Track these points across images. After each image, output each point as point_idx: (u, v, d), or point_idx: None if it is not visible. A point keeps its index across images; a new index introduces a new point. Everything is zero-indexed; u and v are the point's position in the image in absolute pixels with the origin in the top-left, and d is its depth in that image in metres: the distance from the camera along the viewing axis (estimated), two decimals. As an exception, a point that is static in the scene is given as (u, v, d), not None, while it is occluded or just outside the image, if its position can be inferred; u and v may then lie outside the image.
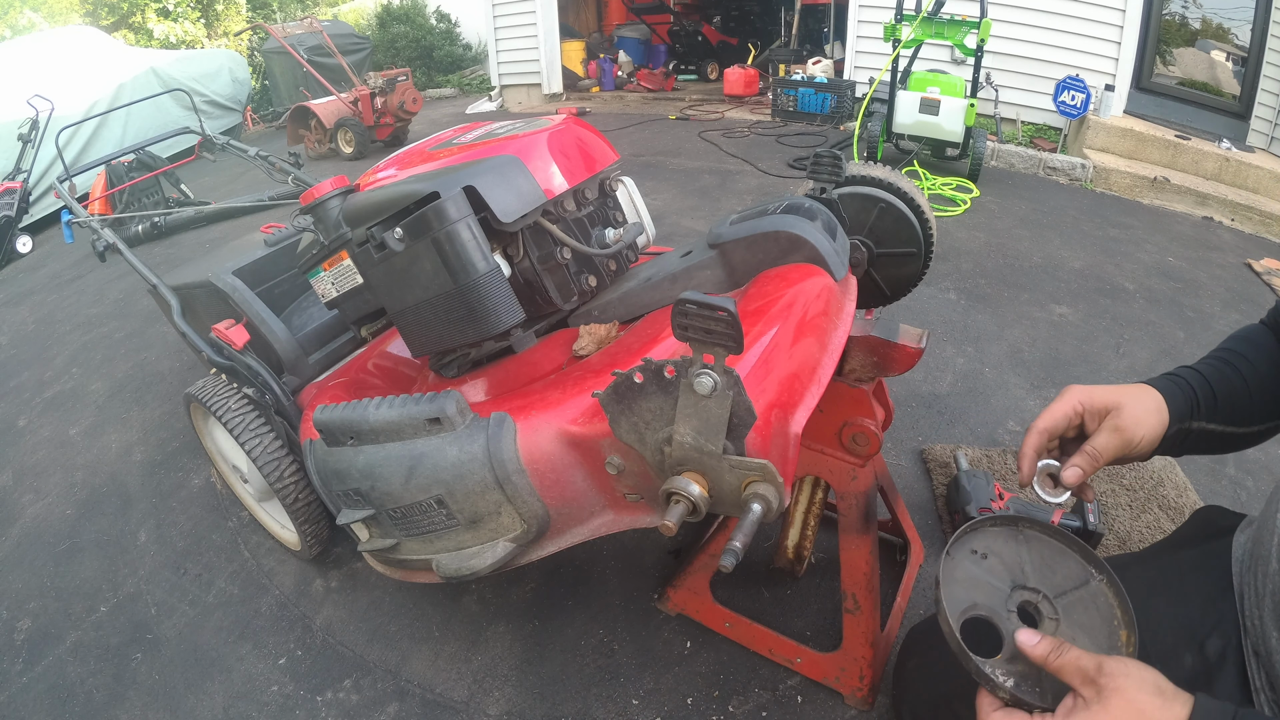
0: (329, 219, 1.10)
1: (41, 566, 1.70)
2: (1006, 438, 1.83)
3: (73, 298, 3.45)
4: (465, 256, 0.97)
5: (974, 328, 2.37)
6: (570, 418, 0.89)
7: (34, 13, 8.81)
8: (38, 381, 2.62)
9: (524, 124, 1.21)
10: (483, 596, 1.46)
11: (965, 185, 3.75)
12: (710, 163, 4.43)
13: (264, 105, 8.19)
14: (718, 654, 1.29)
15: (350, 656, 1.37)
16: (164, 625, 1.49)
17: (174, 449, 2.07)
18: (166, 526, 1.78)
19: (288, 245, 1.74)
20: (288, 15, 10.34)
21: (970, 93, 3.69)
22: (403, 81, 5.43)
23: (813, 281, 0.97)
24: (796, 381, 0.82)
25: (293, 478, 1.39)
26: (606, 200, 1.25)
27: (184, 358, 2.58)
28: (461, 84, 8.25)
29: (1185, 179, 3.78)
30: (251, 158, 2.36)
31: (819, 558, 1.46)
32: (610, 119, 5.83)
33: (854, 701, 1.18)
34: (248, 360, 1.43)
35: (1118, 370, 2.13)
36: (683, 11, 8.03)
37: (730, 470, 0.73)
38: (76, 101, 5.17)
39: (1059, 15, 4.33)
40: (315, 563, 1.58)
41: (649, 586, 1.44)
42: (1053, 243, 3.10)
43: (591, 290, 1.19)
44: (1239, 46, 4.18)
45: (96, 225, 1.90)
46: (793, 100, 5.23)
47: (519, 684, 1.28)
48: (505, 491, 0.91)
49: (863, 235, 1.21)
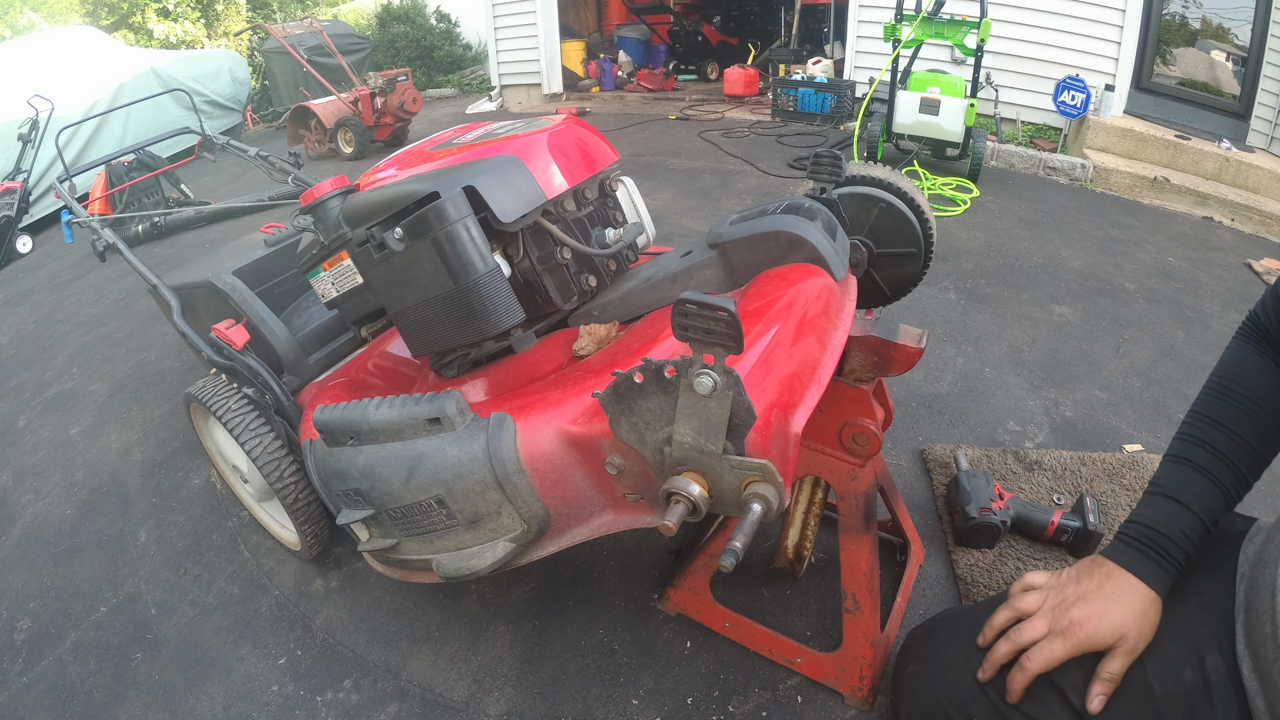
0: (329, 219, 1.10)
1: (41, 566, 1.70)
2: (1006, 438, 1.83)
3: (73, 298, 3.45)
4: (465, 256, 0.97)
5: (974, 328, 2.37)
6: (570, 418, 0.89)
7: (34, 13, 8.81)
8: (38, 381, 2.62)
9: (524, 124, 1.21)
10: (483, 596, 1.46)
11: (965, 185, 3.75)
12: (710, 163, 4.43)
13: (264, 105, 8.19)
14: (718, 654, 1.29)
15: (350, 656, 1.37)
16: (164, 625, 1.49)
17: (174, 449, 2.07)
18: (166, 526, 1.78)
19: (288, 245, 1.74)
20: (288, 15, 10.34)
21: (970, 93, 3.69)
22: (403, 81, 5.42)
23: (813, 281, 0.97)
24: (796, 381, 0.82)
25: (293, 478, 1.39)
26: (606, 200, 1.25)
27: (184, 358, 2.58)
28: (461, 84, 8.25)
29: (1185, 179, 3.78)
30: (251, 158, 2.36)
31: (819, 558, 1.46)
32: (610, 119, 5.83)
33: (854, 701, 1.18)
34: (248, 360, 1.43)
35: (1118, 370, 2.13)
36: (683, 11, 8.03)
37: (730, 470, 0.73)
38: (76, 101, 5.17)
39: (1059, 15, 4.33)
40: (315, 563, 1.58)
41: (649, 586, 1.44)
42: (1053, 243, 3.10)
43: (591, 290, 1.18)
44: (1239, 46, 4.18)
45: (96, 225, 1.90)
46: (793, 100, 5.23)
47: (519, 684, 1.28)
48: (505, 491, 0.91)
49: (863, 235, 1.21)
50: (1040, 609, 0.79)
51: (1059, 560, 1.41)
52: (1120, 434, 1.84)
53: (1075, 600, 0.77)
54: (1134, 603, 0.74)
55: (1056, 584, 0.81)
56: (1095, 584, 0.77)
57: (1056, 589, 0.80)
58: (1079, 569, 0.81)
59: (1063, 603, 0.78)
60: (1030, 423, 1.89)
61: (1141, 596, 0.74)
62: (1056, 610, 0.77)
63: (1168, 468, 0.82)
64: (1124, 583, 0.76)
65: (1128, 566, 0.77)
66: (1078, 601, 0.76)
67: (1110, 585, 0.76)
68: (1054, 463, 1.67)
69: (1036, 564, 1.40)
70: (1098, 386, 2.05)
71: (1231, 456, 0.78)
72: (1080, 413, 1.93)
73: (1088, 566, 0.80)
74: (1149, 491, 0.81)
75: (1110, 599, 0.75)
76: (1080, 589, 0.78)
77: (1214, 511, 0.77)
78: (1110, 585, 0.76)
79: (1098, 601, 0.75)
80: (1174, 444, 0.83)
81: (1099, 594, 0.76)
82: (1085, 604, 0.76)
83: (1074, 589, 0.78)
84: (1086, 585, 0.77)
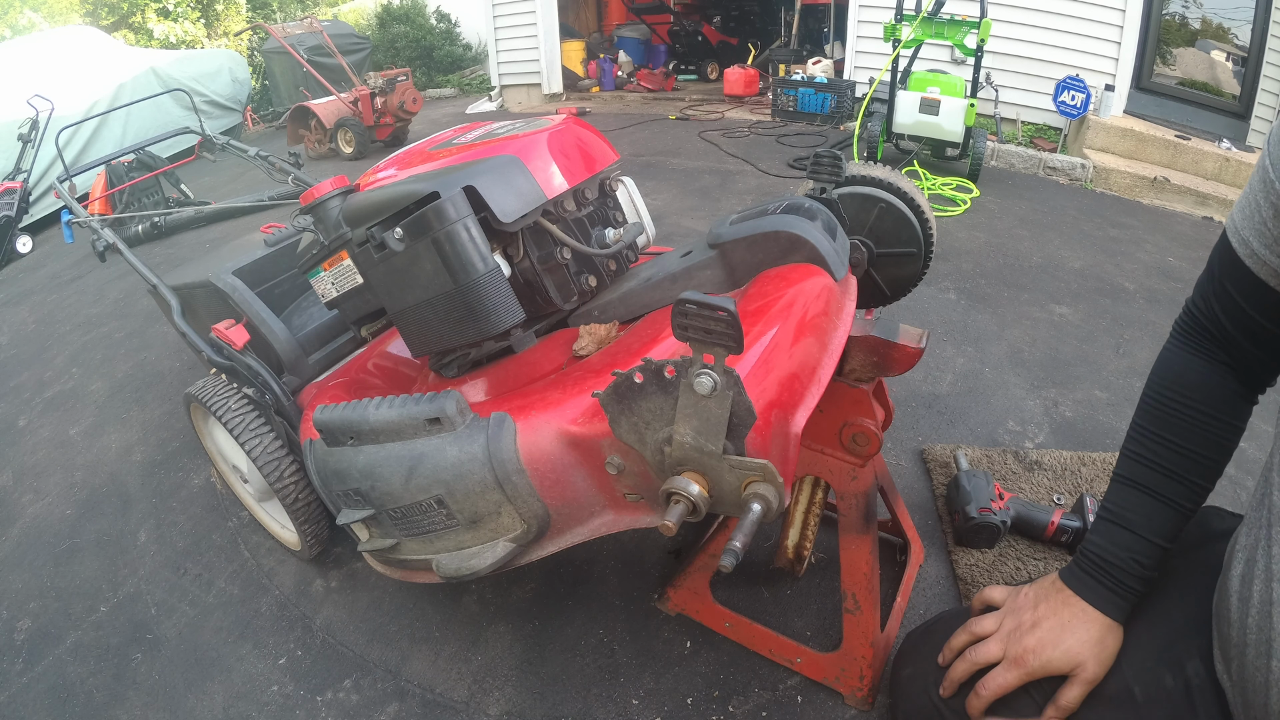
0: (329, 219, 1.10)
1: (41, 566, 1.70)
2: (1006, 438, 1.83)
3: (73, 298, 3.45)
4: (465, 257, 0.97)
5: (974, 328, 2.37)
6: (570, 418, 0.89)
7: (34, 13, 8.81)
8: (38, 381, 2.62)
9: (524, 124, 1.21)
10: (483, 596, 1.46)
11: (965, 185, 3.75)
12: (710, 163, 4.43)
13: (264, 105, 8.19)
14: (718, 654, 1.29)
15: (350, 656, 1.37)
16: (164, 625, 1.49)
17: (174, 449, 2.07)
18: (166, 526, 1.78)
19: (288, 245, 1.74)
20: (288, 15, 10.33)
21: (970, 93, 3.69)
22: (403, 81, 5.42)
23: (813, 281, 0.97)
24: (796, 381, 0.82)
25: (293, 478, 1.39)
26: (606, 200, 1.25)
27: (184, 358, 2.58)
28: (461, 84, 8.24)
29: (1185, 179, 3.78)
30: (251, 158, 2.36)
31: (819, 558, 1.46)
32: (610, 119, 5.83)
33: (854, 701, 1.18)
34: (248, 360, 1.43)
35: (1118, 370, 2.13)
36: (683, 11, 8.02)
37: (730, 470, 0.73)
38: (76, 101, 5.17)
39: (1059, 15, 4.33)
40: (315, 563, 1.58)
41: (649, 586, 1.44)
42: (1053, 243, 3.10)
43: (591, 290, 1.18)
44: (1239, 46, 4.18)
45: (96, 225, 1.90)
46: (793, 100, 5.23)
47: (519, 684, 1.28)
48: (505, 491, 0.91)
49: (863, 235, 1.21)
50: (997, 632, 0.79)
51: (1059, 560, 1.41)
52: (1120, 434, 1.82)
53: (1030, 626, 0.76)
54: (1090, 631, 0.73)
55: (1014, 607, 0.80)
56: (1051, 609, 0.76)
57: (1014, 613, 0.79)
58: (1037, 592, 0.80)
59: (1018, 628, 0.77)
60: (1030, 423, 1.89)
61: (1098, 624, 0.73)
62: (1012, 636, 0.77)
63: (1116, 490, 0.80)
64: (1080, 610, 0.75)
65: (1083, 595, 0.76)
66: (1033, 628, 0.76)
67: (1067, 613, 0.75)
68: (1054, 463, 1.67)
69: (1037, 564, 1.40)
70: (1098, 386, 2.05)
71: (1180, 471, 0.75)
72: (1080, 413, 1.93)
73: (1046, 590, 0.79)
74: (1100, 516, 0.80)
75: (1066, 627, 0.74)
76: (1037, 614, 0.77)
77: (1167, 530, 0.75)
78: (1067, 613, 0.75)
79: (1053, 629, 0.74)
80: (1120, 462, 0.81)
81: (1054, 620, 0.75)
82: (1040, 630, 0.75)
83: (1030, 614, 0.77)
84: (1043, 610, 0.77)
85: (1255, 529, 0.62)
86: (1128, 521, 0.76)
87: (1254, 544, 0.62)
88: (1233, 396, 0.75)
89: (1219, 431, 0.75)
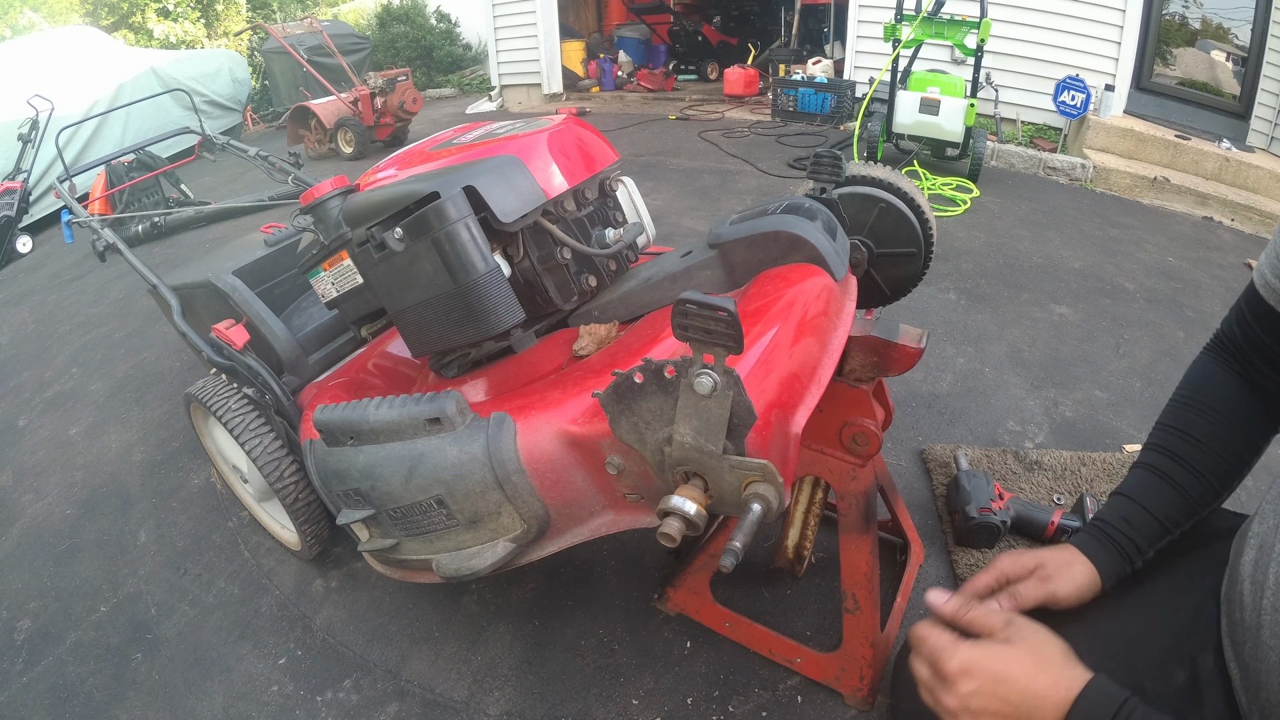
0: (329, 219, 1.10)
1: (41, 566, 1.70)
2: (1006, 438, 1.83)
3: (73, 298, 3.45)
4: (465, 256, 0.97)
5: (974, 328, 2.37)
6: (570, 418, 0.89)
7: (34, 13, 8.80)
8: (38, 381, 2.62)
9: (524, 124, 1.21)
10: (483, 596, 1.46)
11: (965, 185, 3.75)
12: (710, 163, 4.43)
13: (264, 105, 8.19)
14: (718, 654, 1.29)
15: (350, 656, 1.37)
16: (164, 625, 1.49)
17: (174, 449, 2.07)
18: (166, 526, 1.78)
19: (288, 245, 1.74)
20: (288, 15, 10.33)
21: (970, 93, 3.69)
22: (403, 81, 5.42)
23: (813, 281, 0.97)
24: (796, 381, 0.82)
25: (293, 478, 1.39)
26: (606, 200, 1.25)
27: (184, 358, 2.58)
28: (461, 84, 8.24)
29: (1185, 179, 3.78)
30: (251, 158, 2.36)
31: (819, 558, 1.46)
32: (610, 119, 5.83)
33: (854, 701, 1.18)
34: (248, 360, 1.43)
35: (1118, 370, 2.13)
36: (683, 11, 8.02)
37: (730, 470, 0.73)
38: (76, 101, 5.16)
39: (1059, 15, 4.32)
40: (315, 563, 1.58)
41: (649, 586, 1.44)
42: (1053, 243, 3.10)
43: (591, 290, 1.18)
44: (1239, 46, 4.18)
45: (96, 225, 1.90)
46: (793, 100, 5.23)
47: (519, 684, 1.28)
48: (505, 491, 0.91)
49: (863, 235, 1.21)
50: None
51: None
52: (1120, 434, 1.84)
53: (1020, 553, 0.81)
54: (1067, 554, 0.79)
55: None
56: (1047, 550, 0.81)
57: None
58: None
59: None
60: (1030, 423, 1.89)
61: (1077, 556, 0.78)
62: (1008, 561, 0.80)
63: (1130, 475, 0.84)
64: (1067, 548, 0.80)
65: (1074, 543, 0.80)
66: (1022, 553, 0.81)
67: (1061, 551, 0.80)
68: (1054, 463, 1.67)
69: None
70: (1098, 386, 2.05)
71: (1196, 464, 0.78)
72: (1080, 413, 1.93)
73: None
74: (1110, 494, 0.84)
75: (1049, 549, 0.80)
76: None
77: (1170, 512, 0.78)
78: (1061, 551, 0.80)
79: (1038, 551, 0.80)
80: (1141, 454, 0.85)
81: (1047, 550, 0.80)
82: (1026, 554, 0.80)
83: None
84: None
85: (1270, 516, 0.64)
86: (1135, 495, 0.80)
87: (1269, 529, 0.63)
88: (1255, 415, 0.79)
89: (1238, 440, 0.79)
